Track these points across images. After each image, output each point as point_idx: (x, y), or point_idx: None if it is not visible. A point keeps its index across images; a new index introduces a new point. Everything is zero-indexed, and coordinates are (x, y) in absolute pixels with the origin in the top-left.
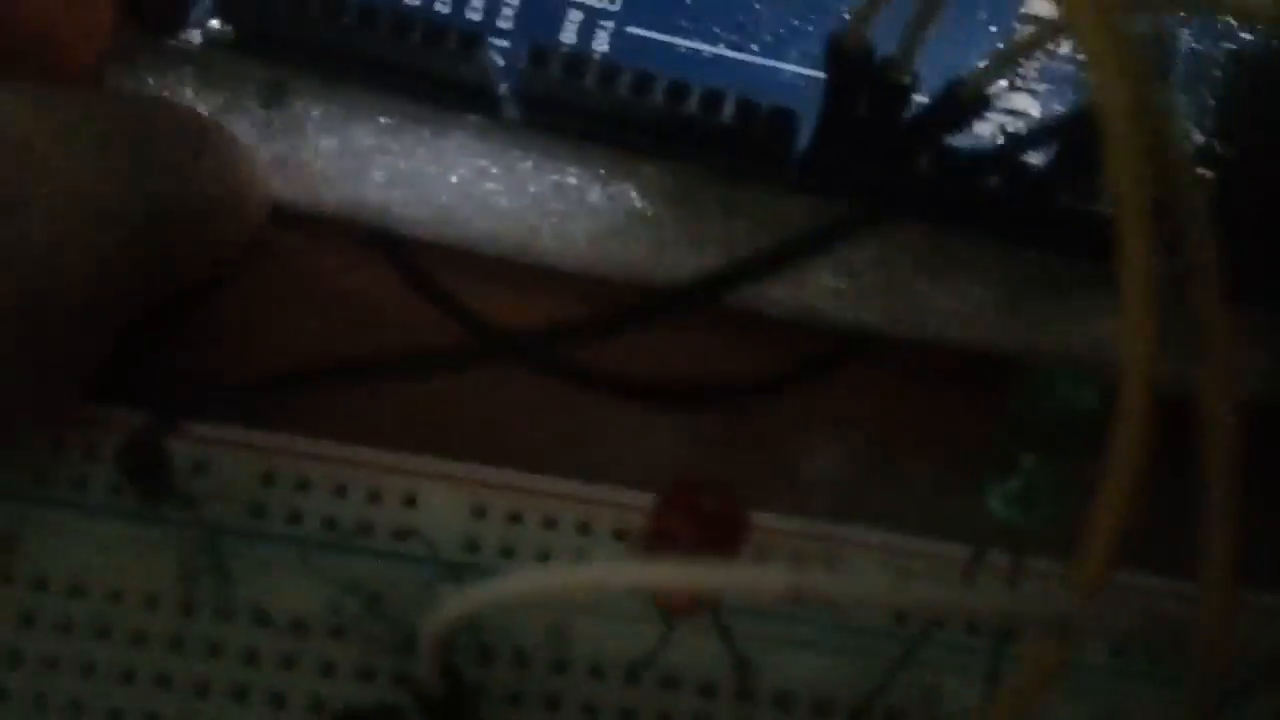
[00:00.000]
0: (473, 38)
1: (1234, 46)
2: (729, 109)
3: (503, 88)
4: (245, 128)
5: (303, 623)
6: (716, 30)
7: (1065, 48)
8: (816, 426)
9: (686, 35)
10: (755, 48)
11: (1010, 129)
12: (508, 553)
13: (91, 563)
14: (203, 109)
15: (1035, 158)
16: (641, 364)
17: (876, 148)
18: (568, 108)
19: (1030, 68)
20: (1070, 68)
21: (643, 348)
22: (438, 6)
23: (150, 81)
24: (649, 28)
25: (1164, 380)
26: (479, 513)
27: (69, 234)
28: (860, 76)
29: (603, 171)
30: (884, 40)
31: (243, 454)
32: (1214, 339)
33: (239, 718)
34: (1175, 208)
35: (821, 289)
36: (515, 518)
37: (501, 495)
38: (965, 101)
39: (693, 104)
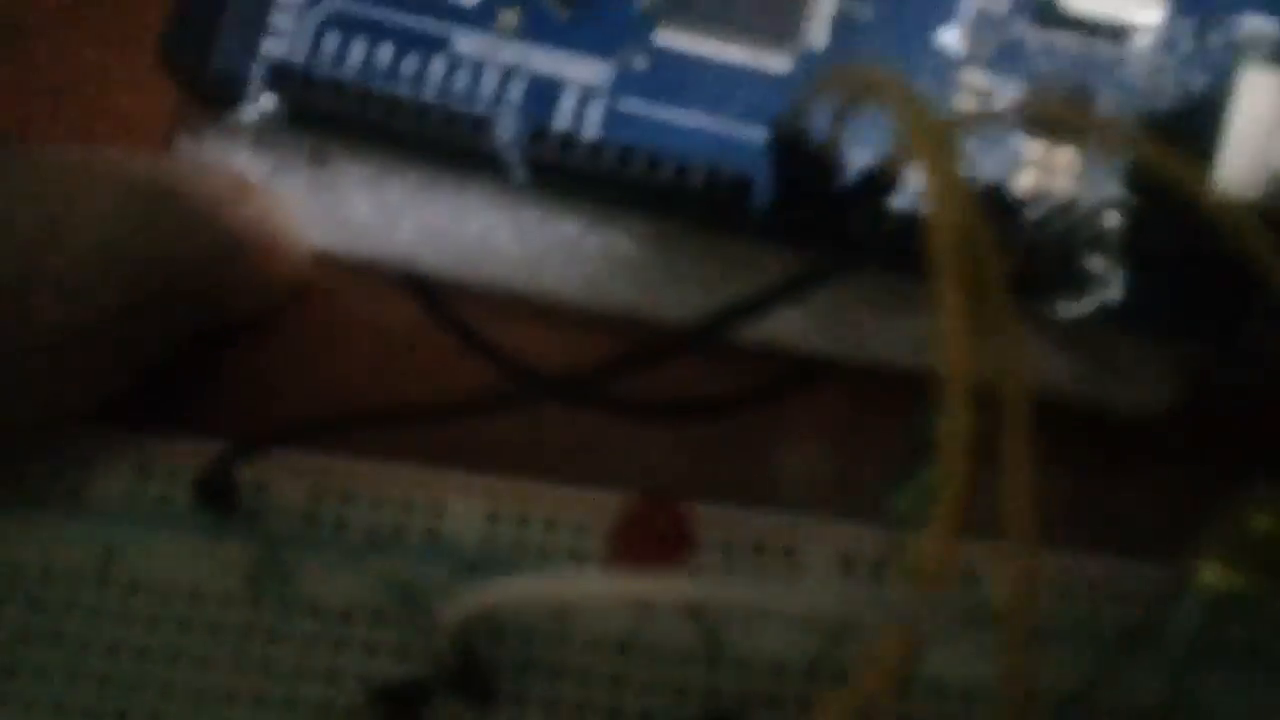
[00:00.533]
0: (482, 120)
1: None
2: (697, 176)
3: (511, 156)
4: (293, 187)
5: (350, 613)
6: (694, 103)
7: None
8: (782, 438)
9: (669, 107)
10: (729, 118)
11: None
12: (519, 550)
13: (175, 568)
14: (258, 172)
15: None
16: (635, 386)
17: (818, 210)
18: (566, 174)
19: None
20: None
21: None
22: (456, 85)
23: (213, 151)
24: (639, 98)
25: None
26: (493, 518)
27: (91, 278)
28: (797, 156)
29: (596, 224)
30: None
31: (297, 474)
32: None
33: (302, 692)
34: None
35: (785, 322)
36: (524, 521)
37: (511, 503)
38: (879, 182)
39: (668, 172)
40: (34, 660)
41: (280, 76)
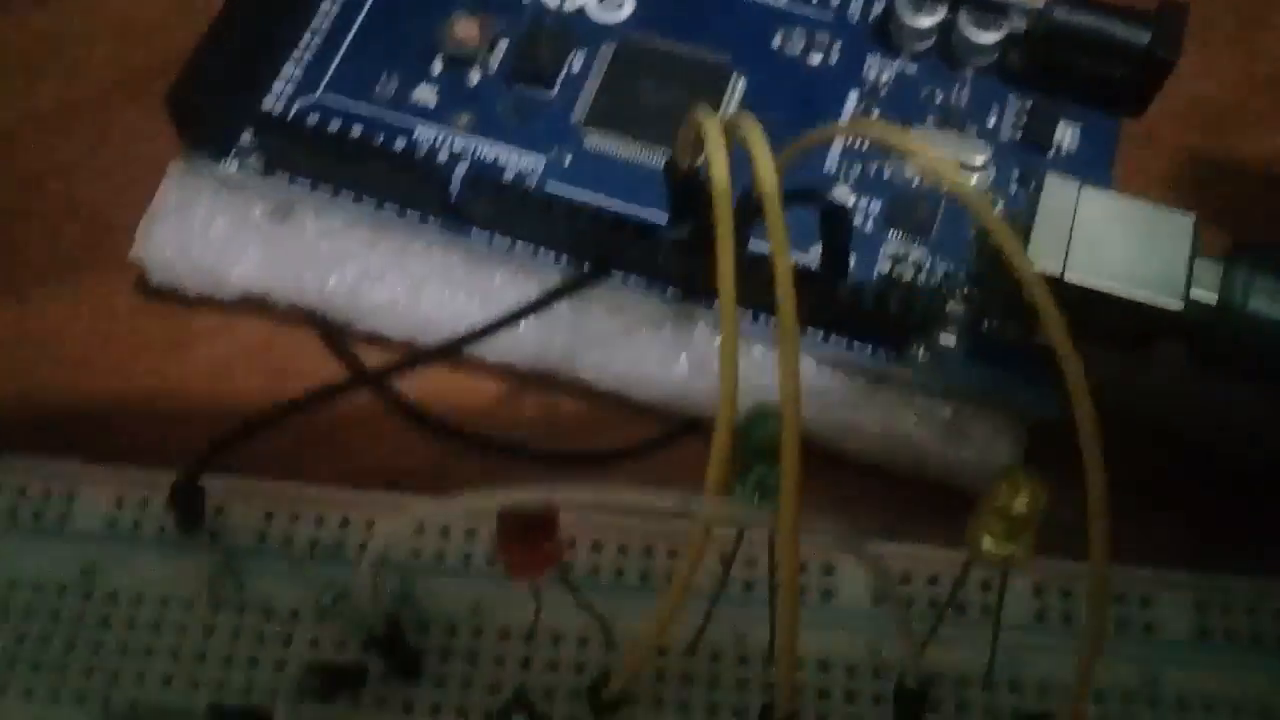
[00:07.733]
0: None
1: None
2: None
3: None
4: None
5: (295, 613)
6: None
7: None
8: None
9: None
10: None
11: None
12: (438, 557)
13: (146, 579)
14: (228, 219)
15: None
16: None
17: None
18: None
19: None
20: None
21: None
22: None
23: (191, 194)
24: (567, 181)
25: None
26: (417, 530)
27: None
28: (686, 187)
29: (522, 275)
30: None
31: (250, 499)
32: None
33: (254, 679)
34: None
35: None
36: (444, 531)
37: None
38: (752, 208)
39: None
40: (28, 659)
41: (264, 122)
